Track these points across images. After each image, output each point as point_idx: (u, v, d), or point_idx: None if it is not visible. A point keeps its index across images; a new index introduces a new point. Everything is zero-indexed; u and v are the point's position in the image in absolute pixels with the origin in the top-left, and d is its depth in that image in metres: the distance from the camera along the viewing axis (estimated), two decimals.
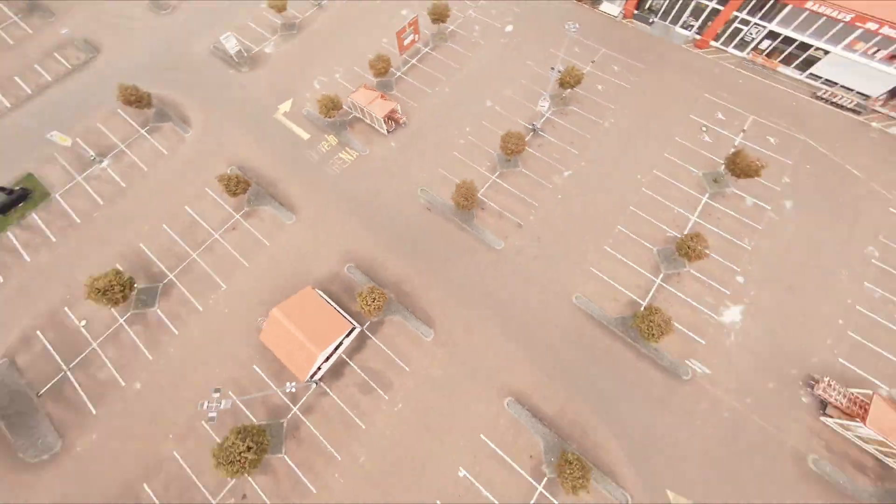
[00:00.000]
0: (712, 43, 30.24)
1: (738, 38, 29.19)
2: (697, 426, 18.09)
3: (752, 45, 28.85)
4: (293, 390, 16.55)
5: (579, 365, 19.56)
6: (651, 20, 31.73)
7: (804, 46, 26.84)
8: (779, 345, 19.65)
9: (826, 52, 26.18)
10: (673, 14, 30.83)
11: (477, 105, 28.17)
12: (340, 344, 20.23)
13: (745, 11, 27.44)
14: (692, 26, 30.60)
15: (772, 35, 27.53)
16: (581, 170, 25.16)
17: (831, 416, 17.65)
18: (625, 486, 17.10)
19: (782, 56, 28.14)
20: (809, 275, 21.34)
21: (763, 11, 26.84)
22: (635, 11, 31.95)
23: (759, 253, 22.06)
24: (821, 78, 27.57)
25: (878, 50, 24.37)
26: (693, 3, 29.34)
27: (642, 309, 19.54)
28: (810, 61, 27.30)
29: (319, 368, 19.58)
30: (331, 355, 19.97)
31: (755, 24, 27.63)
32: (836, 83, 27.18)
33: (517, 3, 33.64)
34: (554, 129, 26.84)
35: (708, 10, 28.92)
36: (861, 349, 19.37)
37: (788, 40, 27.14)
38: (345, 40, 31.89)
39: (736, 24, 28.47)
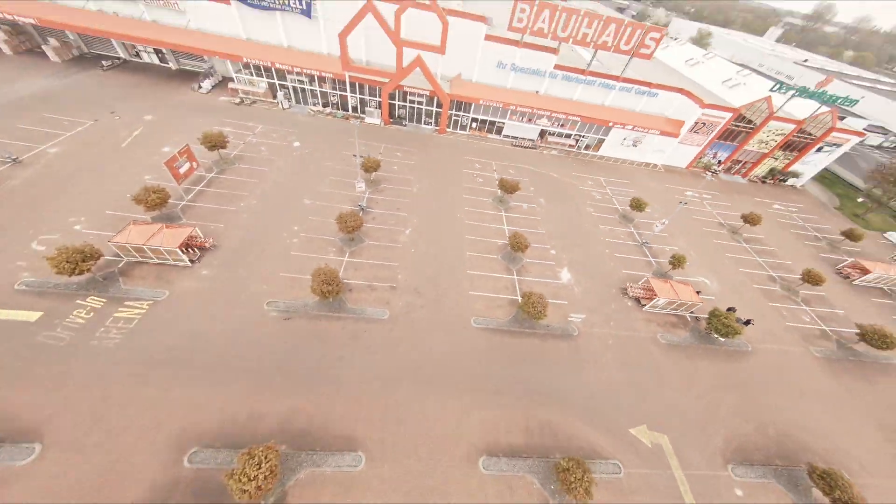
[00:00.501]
0: (448, 129, 44.34)
1: (459, 124, 44.34)
2: (605, 363, 21.67)
3: (469, 126, 44.49)
4: None
5: (510, 376, 19.88)
6: (404, 123, 43.36)
7: (493, 122, 44.03)
8: (596, 279, 27.47)
9: (504, 122, 43.92)
10: (416, 118, 43.61)
11: (296, 205, 27.77)
12: None
13: (454, 110, 42.58)
14: (431, 123, 44.10)
15: (475, 119, 43.69)
16: (417, 226, 28.67)
17: (644, 304, 25.70)
18: (611, 456, 17.56)
19: (486, 128, 44.81)
20: (579, 233, 31.96)
21: (462, 108, 42.55)
22: (391, 119, 42.93)
23: (550, 233, 31.33)
24: (510, 136, 45.46)
25: (523, 117, 43.32)
26: (424, 111, 42.80)
27: (520, 301, 22.83)
28: (500, 129, 44.82)
29: None
30: None
31: (463, 115, 43.21)
32: (517, 137, 45.51)
33: (293, 125, 37.79)
34: (378, 203, 29.91)
35: (434, 112, 42.90)
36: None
37: (485, 120, 43.83)
38: (78, 188, 24.96)
39: (454, 118, 43.47)
